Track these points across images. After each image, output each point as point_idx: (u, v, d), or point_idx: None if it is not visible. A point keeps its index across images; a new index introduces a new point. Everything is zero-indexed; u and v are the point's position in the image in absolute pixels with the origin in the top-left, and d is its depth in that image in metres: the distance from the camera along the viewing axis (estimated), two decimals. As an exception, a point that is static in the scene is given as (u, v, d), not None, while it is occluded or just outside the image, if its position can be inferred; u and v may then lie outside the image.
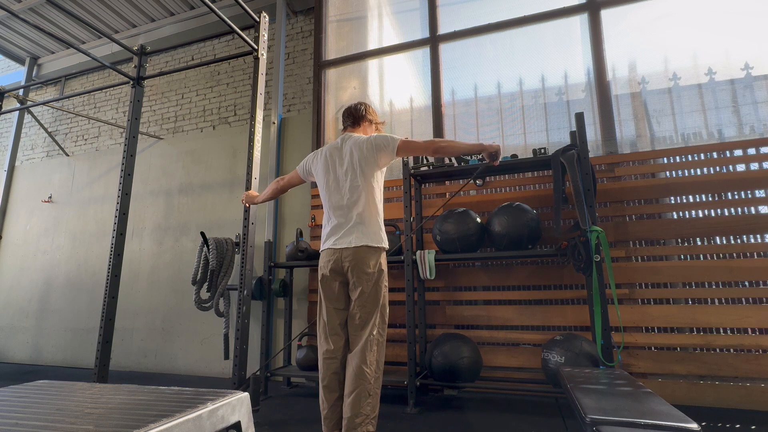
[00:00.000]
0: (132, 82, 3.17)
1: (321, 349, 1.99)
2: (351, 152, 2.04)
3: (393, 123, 3.85)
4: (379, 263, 1.97)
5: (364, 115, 2.20)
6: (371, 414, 1.82)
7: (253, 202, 2.56)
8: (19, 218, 5.48)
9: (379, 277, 1.96)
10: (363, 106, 2.23)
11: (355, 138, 2.09)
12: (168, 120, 4.89)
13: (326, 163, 2.09)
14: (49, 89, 5.93)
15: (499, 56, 3.58)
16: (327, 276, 2.00)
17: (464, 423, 2.38)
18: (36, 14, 4.94)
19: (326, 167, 2.09)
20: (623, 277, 2.81)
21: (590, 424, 1.21)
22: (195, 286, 3.36)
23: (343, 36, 4.28)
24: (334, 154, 2.09)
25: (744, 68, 2.89)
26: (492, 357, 3.00)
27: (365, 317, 1.92)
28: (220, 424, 1.06)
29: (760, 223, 2.62)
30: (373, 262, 1.95)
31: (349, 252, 1.94)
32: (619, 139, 3.09)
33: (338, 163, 2.07)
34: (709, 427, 2.18)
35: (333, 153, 2.10)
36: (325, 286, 2.02)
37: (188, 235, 4.38)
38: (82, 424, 0.94)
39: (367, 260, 1.93)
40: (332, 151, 2.10)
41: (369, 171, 2.02)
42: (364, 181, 2.01)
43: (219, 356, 3.90)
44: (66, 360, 4.70)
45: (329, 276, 1.99)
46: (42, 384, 1.35)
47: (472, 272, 3.19)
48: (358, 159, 2.02)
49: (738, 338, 2.54)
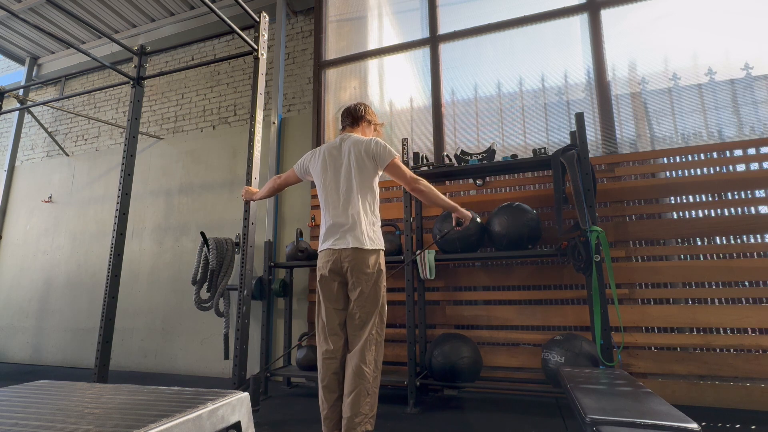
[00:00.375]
0: (132, 82, 3.17)
1: (320, 350, 1.99)
2: (349, 152, 2.04)
3: (393, 123, 3.85)
4: (378, 263, 1.98)
5: (363, 116, 2.20)
6: (370, 413, 1.83)
7: (252, 199, 2.58)
8: (19, 218, 5.48)
9: (378, 277, 1.97)
10: (362, 106, 2.22)
11: (354, 138, 2.08)
12: (168, 120, 4.89)
13: (324, 162, 2.09)
14: (49, 89, 5.93)
15: (499, 56, 3.58)
16: (326, 276, 2.00)
17: (464, 423, 2.38)
18: (36, 14, 4.94)
19: (324, 167, 2.08)
20: (623, 277, 2.81)
21: (590, 424, 1.21)
22: (195, 286, 3.36)
23: (343, 36, 4.28)
24: (333, 153, 2.09)
25: (744, 68, 2.89)
26: (492, 357, 3.00)
27: (364, 317, 1.93)
28: (220, 424, 1.06)
29: (760, 223, 2.62)
30: (371, 262, 1.95)
31: (347, 253, 1.94)
32: (619, 139, 3.09)
33: (336, 162, 2.06)
34: (709, 427, 2.18)
35: (331, 152, 2.09)
36: (323, 286, 2.02)
37: (188, 235, 4.38)
38: (82, 424, 0.94)
39: (366, 260, 1.94)
40: (330, 150, 2.10)
41: (366, 172, 2.02)
42: (361, 182, 2.01)
43: (219, 356, 3.90)
44: (66, 360, 4.70)
45: (328, 276, 1.99)
46: (42, 384, 1.35)
47: (472, 272, 3.19)
48: (355, 160, 2.01)
49: (738, 338, 2.54)
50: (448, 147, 3.56)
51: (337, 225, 2.00)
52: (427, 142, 3.64)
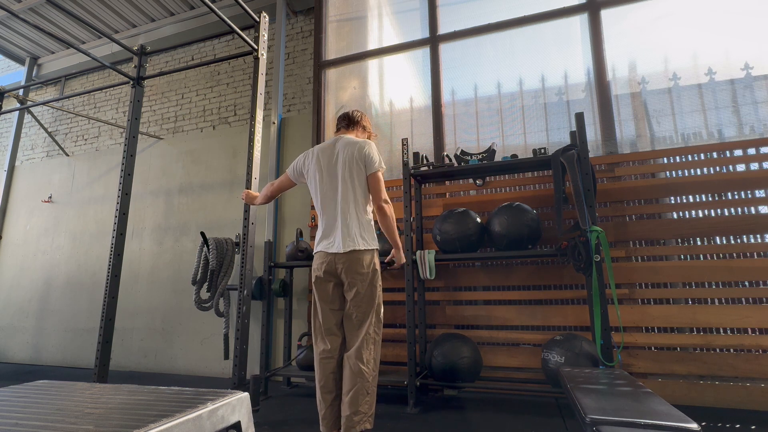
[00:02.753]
0: (132, 82, 3.17)
1: (317, 350, 2.00)
2: (343, 152, 2.05)
3: (393, 123, 3.85)
4: (372, 263, 1.99)
5: (359, 121, 2.23)
6: (368, 412, 1.85)
7: (252, 203, 2.58)
8: (19, 218, 5.48)
9: (373, 276, 1.98)
10: (359, 113, 2.26)
11: (347, 139, 2.09)
12: (168, 120, 4.89)
13: (318, 163, 2.09)
14: (49, 89, 5.93)
15: (499, 56, 3.58)
16: (321, 278, 2.02)
17: (464, 423, 2.38)
18: (36, 14, 4.94)
19: (318, 168, 2.09)
20: (623, 277, 2.81)
21: (590, 424, 1.21)
22: (195, 286, 3.36)
23: (343, 36, 4.28)
24: (326, 153, 2.09)
25: (744, 68, 2.89)
26: (492, 357, 3.00)
27: (361, 317, 1.94)
28: (220, 424, 1.06)
29: (760, 223, 2.62)
30: (366, 262, 1.97)
31: (342, 255, 1.95)
32: (619, 139, 3.09)
33: (330, 163, 2.07)
34: (709, 427, 2.18)
35: (325, 152, 2.10)
36: (319, 287, 2.03)
37: (188, 235, 4.38)
38: (82, 424, 0.94)
39: (361, 261, 1.95)
40: (324, 150, 2.11)
41: (358, 173, 2.03)
42: (355, 183, 2.02)
43: (219, 356, 3.90)
44: (66, 360, 4.70)
45: (323, 278, 2.01)
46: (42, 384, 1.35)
47: (472, 272, 3.19)
48: (348, 160, 2.03)
49: (738, 338, 2.54)
50: (448, 147, 3.56)
51: (330, 226, 2.02)
52: (427, 142, 3.64)
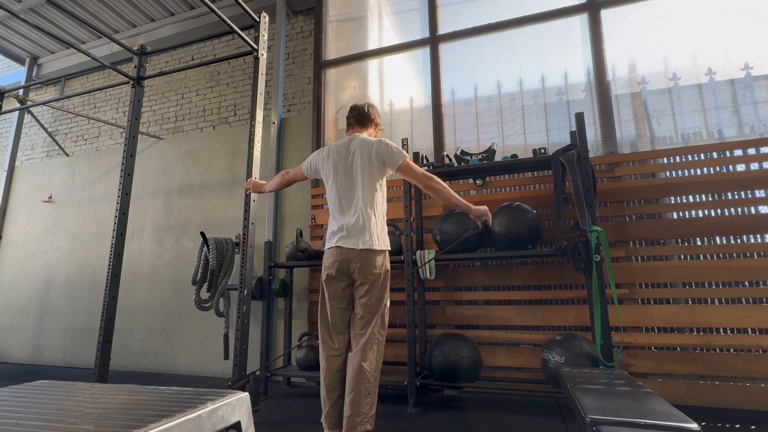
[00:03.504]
0: (132, 82, 3.17)
1: (324, 348, 2.00)
2: (359, 153, 2.05)
3: (393, 123, 3.85)
4: (384, 264, 2.00)
5: (372, 118, 2.21)
6: (369, 412, 1.85)
7: (259, 191, 2.58)
8: (19, 218, 5.48)
9: (384, 277, 1.99)
10: (371, 108, 2.22)
11: (362, 139, 2.09)
12: (168, 120, 4.89)
13: (334, 162, 2.09)
14: (49, 89, 5.93)
15: (499, 56, 3.58)
16: (333, 276, 2.01)
17: (464, 423, 2.38)
18: (36, 14, 4.94)
19: (334, 166, 2.09)
20: (623, 277, 2.81)
21: (590, 424, 1.21)
22: (195, 286, 3.36)
23: (343, 36, 4.28)
24: (342, 153, 2.09)
25: (744, 68, 2.89)
26: (492, 357, 3.00)
27: (368, 317, 1.94)
28: (220, 424, 1.06)
29: (760, 223, 2.62)
30: (379, 263, 1.97)
31: (355, 253, 1.95)
32: (619, 139, 3.09)
33: (346, 163, 2.07)
34: (709, 427, 2.18)
35: (341, 152, 2.10)
36: (330, 285, 2.03)
37: (188, 235, 4.38)
38: (82, 424, 0.94)
39: (374, 261, 1.95)
40: (340, 150, 2.10)
41: (374, 173, 2.03)
42: (370, 183, 2.02)
43: (219, 356, 3.90)
44: (66, 360, 4.70)
45: (335, 276, 2.00)
46: (42, 384, 1.35)
47: (472, 272, 3.19)
48: (365, 161, 2.02)
49: (738, 338, 2.54)
50: (448, 147, 3.56)
51: (344, 225, 2.01)
52: (427, 142, 3.64)
